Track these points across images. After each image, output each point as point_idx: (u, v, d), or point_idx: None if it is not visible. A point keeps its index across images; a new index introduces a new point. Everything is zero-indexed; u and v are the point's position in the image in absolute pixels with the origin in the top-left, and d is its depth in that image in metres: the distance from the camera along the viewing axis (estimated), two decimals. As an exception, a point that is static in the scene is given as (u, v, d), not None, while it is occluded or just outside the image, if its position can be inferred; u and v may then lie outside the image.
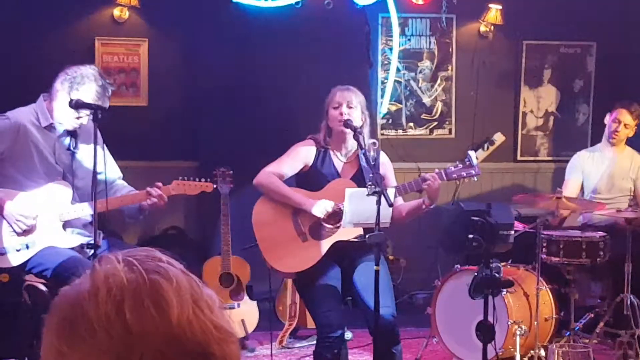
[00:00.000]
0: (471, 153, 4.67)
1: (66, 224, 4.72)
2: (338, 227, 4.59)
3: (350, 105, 4.66)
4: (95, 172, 4.30)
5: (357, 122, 4.63)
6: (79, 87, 4.59)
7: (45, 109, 4.71)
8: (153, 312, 1.06)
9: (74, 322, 1.07)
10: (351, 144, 4.76)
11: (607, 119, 6.64)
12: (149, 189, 4.69)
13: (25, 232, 4.60)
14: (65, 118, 4.65)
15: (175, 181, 4.81)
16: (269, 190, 4.66)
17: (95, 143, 4.31)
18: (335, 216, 4.59)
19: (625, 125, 6.51)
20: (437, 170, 4.59)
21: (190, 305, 1.09)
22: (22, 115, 4.69)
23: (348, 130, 4.63)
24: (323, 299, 4.51)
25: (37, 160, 4.67)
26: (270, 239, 4.66)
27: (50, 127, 4.72)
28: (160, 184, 4.73)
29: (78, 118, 4.60)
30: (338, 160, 4.78)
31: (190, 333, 1.07)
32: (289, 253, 4.63)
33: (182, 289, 1.10)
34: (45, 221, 4.65)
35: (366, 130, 4.73)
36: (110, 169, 4.92)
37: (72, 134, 4.78)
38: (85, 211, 4.62)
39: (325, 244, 4.61)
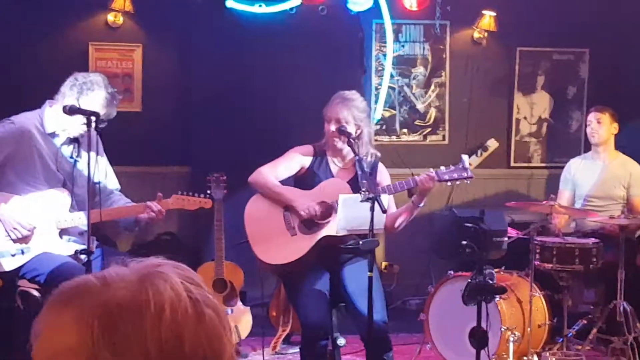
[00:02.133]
0: (464, 157, 4.69)
1: (62, 232, 4.71)
2: (327, 223, 4.61)
3: (341, 122, 4.66)
4: (89, 178, 4.29)
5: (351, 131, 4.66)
6: (89, 92, 4.58)
7: (50, 116, 4.70)
8: (208, 351, 1.09)
9: (126, 332, 1.06)
10: (347, 151, 4.77)
11: (587, 129, 6.74)
12: (148, 203, 4.69)
13: (21, 239, 4.59)
14: (69, 124, 4.64)
15: (175, 195, 4.82)
16: (262, 187, 4.71)
17: (89, 149, 4.31)
18: (325, 212, 4.61)
19: (597, 120, 6.59)
20: (430, 170, 4.60)
21: (233, 347, 1.14)
22: (27, 120, 4.69)
23: (342, 139, 4.66)
24: (310, 303, 4.52)
25: (38, 166, 4.67)
26: (260, 233, 4.70)
27: (54, 134, 4.71)
28: (160, 194, 4.74)
29: (83, 124, 4.57)
30: (335, 165, 4.81)
31: None
32: (277, 246, 4.66)
33: (228, 330, 1.15)
34: (42, 228, 4.64)
35: (366, 138, 4.74)
36: (109, 180, 4.92)
37: (75, 141, 4.78)
38: (82, 220, 4.60)
39: (313, 239, 4.64)
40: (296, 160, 4.79)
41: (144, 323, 1.06)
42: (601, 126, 6.59)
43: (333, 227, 4.61)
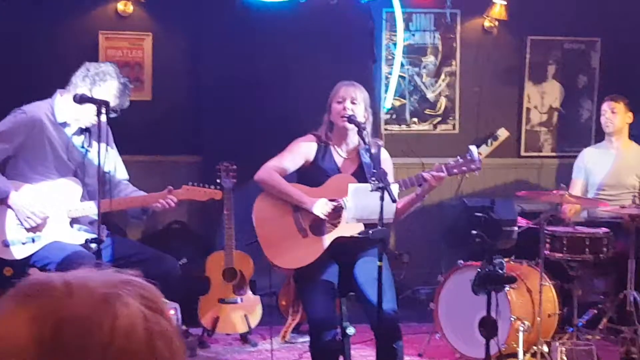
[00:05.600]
0: (472, 148, 4.65)
1: (73, 221, 4.73)
2: (338, 223, 4.59)
3: (354, 101, 4.65)
4: (100, 168, 4.30)
5: (360, 118, 4.62)
6: (101, 83, 4.59)
7: (61, 105, 4.70)
8: None
9: (72, 346, 1.03)
10: (352, 139, 4.75)
11: (601, 118, 6.73)
12: (160, 200, 4.70)
13: (34, 228, 4.61)
14: (80, 114, 4.65)
15: (185, 186, 4.82)
16: (270, 187, 4.66)
17: (99, 139, 4.31)
18: (335, 212, 4.58)
19: (612, 110, 6.60)
20: (437, 165, 4.57)
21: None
22: (39, 109, 4.70)
23: (351, 126, 4.63)
24: (316, 299, 4.50)
25: (49, 155, 4.68)
26: (271, 236, 4.66)
27: (65, 124, 4.72)
28: (171, 187, 4.74)
29: (94, 115, 4.57)
30: (339, 155, 4.77)
31: None
32: (290, 249, 4.62)
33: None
34: (54, 216, 4.65)
35: (369, 128, 4.72)
36: (118, 172, 4.93)
37: (86, 131, 4.79)
38: (93, 209, 4.62)
39: (326, 240, 4.60)
40: (301, 153, 4.75)
41: (92, 343, 1.04)
42: (615, 116, 6.60)
43: (344, 227, 4.60)
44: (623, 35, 8.08)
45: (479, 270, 4.77)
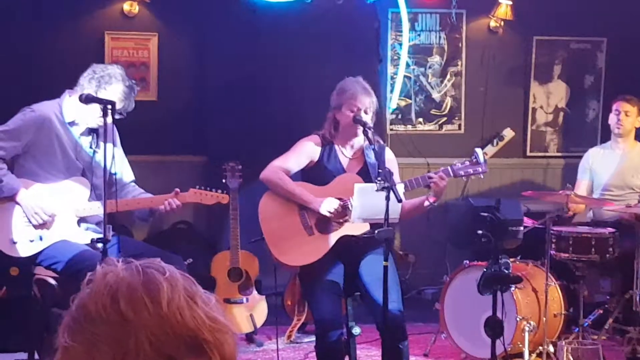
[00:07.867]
0: (478, 150, 4.64)
1: (81, 220, 4.73)
2: (345, 222, 4.59)
3: (367, 112, 4.67)
4: (105, 167, 4.31)
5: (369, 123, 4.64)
6: (107, 86, 4.60)
7: (69, 105, 4.72)
8: (146, 299, 1.16)
9: (76, 318, 1.17)
10: (359, 139, 4.75)
11: (610, 117, 6.66)
12: (168, 200, 4.71)
13: (41, 225, 4.62)
14: (88, 114, 4.66)
15: (192, 190, 4.84)
16: (276, 186, 4.66)
17: (106, 139, 4.32)
18: (341, 211, 4.58)
19: (625, 113, 6.51)
20: (442, 168, 4.58)
21: (182, 295, 1.19)
22: (48, 108, 4.71)
23: (357, 126, 4.64)
24: (321, 298, 4.50)
25: (58, 154, 4.69)
26: (277, 233, 4.66)
27: (73, 123, 4.73)
28: (178, 190, 4.75)
29: (100, 116, 4.59)
30: (343, 155, 4.77)
31: (181, 318, 1.17)
32: (295, 247, 4.63)
33: (174, 280, 1.21)
34: (62, 215, 4.66)
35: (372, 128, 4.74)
36: (124, 173, 4.94)
37: (94, 132, 4.80)
38: (101, 209, 4.62)
39: (332, 238, 4.61)
40: (306, 153, 4.75)
41: (85, 303, 1.18)
42: (628, 118, 6.52)
43: (349, 226, 4.60)
44: (629, 35, 8.06)
45: (484, 270, 4.77)
